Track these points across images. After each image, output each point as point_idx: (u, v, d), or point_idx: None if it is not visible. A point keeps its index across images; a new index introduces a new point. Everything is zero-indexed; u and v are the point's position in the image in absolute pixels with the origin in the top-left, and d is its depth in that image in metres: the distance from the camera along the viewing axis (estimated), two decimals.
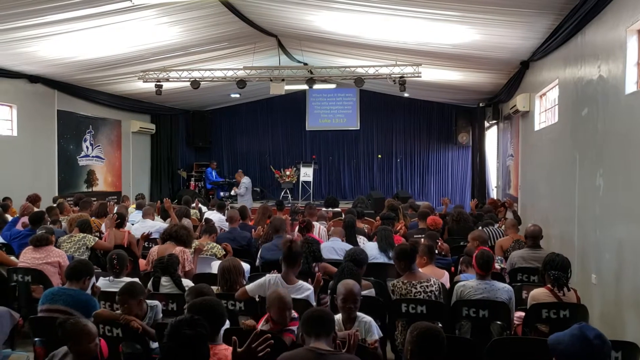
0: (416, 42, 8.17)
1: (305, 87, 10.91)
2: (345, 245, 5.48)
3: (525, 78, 8.76)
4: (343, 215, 7.46)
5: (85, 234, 5.73)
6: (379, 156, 15.59)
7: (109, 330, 3.33)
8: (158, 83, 10.13)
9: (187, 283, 4.17)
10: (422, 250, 4.51)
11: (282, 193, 14.22)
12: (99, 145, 12.08)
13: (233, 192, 12.64)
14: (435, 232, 6.00)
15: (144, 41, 8.39)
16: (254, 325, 3.20)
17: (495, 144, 12.98)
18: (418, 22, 7.03)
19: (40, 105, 10.10)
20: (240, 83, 10.08)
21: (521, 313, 4.00)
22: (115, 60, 9.15)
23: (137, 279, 4.15)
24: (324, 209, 8.48)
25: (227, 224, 6.76)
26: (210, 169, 14.92)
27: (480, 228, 6.36)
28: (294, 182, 14.39)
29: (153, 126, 14.45)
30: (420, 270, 4.12)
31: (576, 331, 2.04)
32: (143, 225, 6.79)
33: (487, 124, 13.04)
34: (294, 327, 3.18)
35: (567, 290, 3.76)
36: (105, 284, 4.17)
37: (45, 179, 10.22)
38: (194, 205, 9.30)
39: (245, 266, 4.60)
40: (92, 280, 3.98)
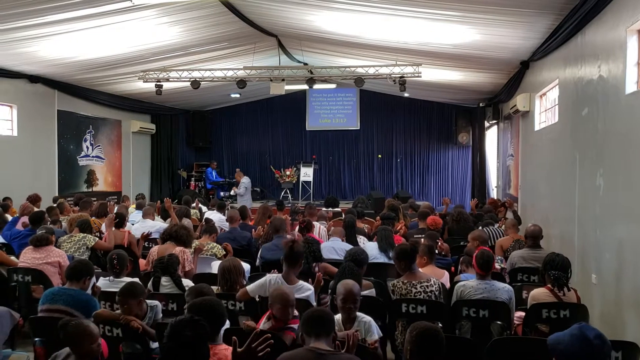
0: (416, 42, 8.17)
1: (305, 87, 10.91)
2: (346, 245, 5.47)
3: (526, 78, 8.76)
4: (343, 215, 7.46)
5: (85, 234, 5.73)
6: (379, 156, 15.58)
7: (109, 330, 3.33)
8: (158, 83, 10.13)
9: (187, 283, 4.17)
10: (422, 250, 4.51)
11: (282, 193, 14.21)
12: (99, 145, 12.07)
13: (232, 192, 12.62)
14: (435, 232, 6.00)
15: (144, 41, 8.39)
16: (255, 327, 3.20)
17: (495, 144, 12.97)
18: (418, 22, 7.03)
19: (40, 105, 10.10)
20: (241, 83, 10.08)
21: (521, 313, 4.00)
22: (116, 60, 9.15)
23: (137, 279, 4.16)
24: (324, 209, 8.47)
25: (227, 223, 6.76)
26: (211, 169, 14.91)
27: (480, 228, 6.35)
28: (294, 182, 14.38)
29: (153, 126, 14.45)
30: (421, 270, 4.12)
31: (576, 331, 2.04)
32: (143, 225, 6.79)
33: (487, 124, 13.04)
34: (295, 325, 3.17)
35: (567, 290, 3.77)
36: (106, 284, 4.18)
37: (45, 179, 10.22)
38: (194, 205, 9.30)
39: (246, 266, 4.60)
40: (93, 280, 3.98)
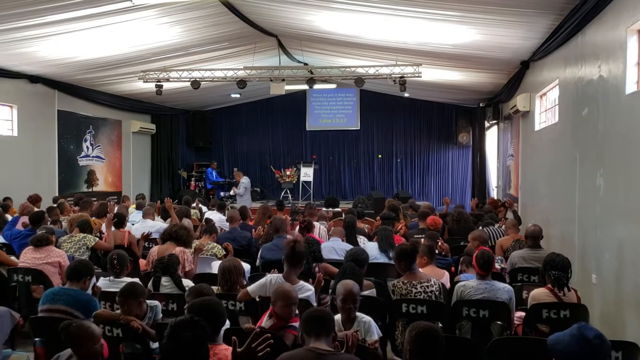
0: (416, 42, 8.17)
1: (305, 87, 10.90)
2: (346, 245, 5.47)
3: (526, 78, 8.75)
4: (343, 215, 7.46)
5: (85, 234, 5.73)
6: (379, 156, 15.58)
7: (109, 330, 3.33)
8: (158, 83, 10.13)
9: (187, 283, 4.17)
10: (422, 250, 4.51)
11: (283, 193, 14.21)
12: (99, 146, 12.08)
13: (232, 192, 12.63)
14: (436, 232, 6.00)
15: (145, 41, 8.39)
16: (254, 329, 3.19)
17: (495, 144, 12.96)
18: (418, 22, 7.03)
19: (40, 105, 10.10)
20: (241, 83, 10.08)
21: (521, 313, 4.00)
22: (116, 60, 9.16)
23: (137, 279, 4.16)
24: (324, 209, 8.47)
25: (228, 224, 6.76)
26: (211, 169, 14.91)
27: (481, 228, 6.36)
28: (294, 182, 14.38)
29: (153, 126, 14.45)
30: (421, 270, 4.12)
31: (575, 331, 2.04)
32: (143, 226, 6.80)
33: (487, 124, 13.03)
34: (296, 324, 3.17)
35: (568, 290, 3.77)
36: (106, 284, 4.18)
37: (45, 179, 10.23)
38: (194, 205, 9.30)
39: (246, 266, 4.60)
40: (93, 281, 3.98)
